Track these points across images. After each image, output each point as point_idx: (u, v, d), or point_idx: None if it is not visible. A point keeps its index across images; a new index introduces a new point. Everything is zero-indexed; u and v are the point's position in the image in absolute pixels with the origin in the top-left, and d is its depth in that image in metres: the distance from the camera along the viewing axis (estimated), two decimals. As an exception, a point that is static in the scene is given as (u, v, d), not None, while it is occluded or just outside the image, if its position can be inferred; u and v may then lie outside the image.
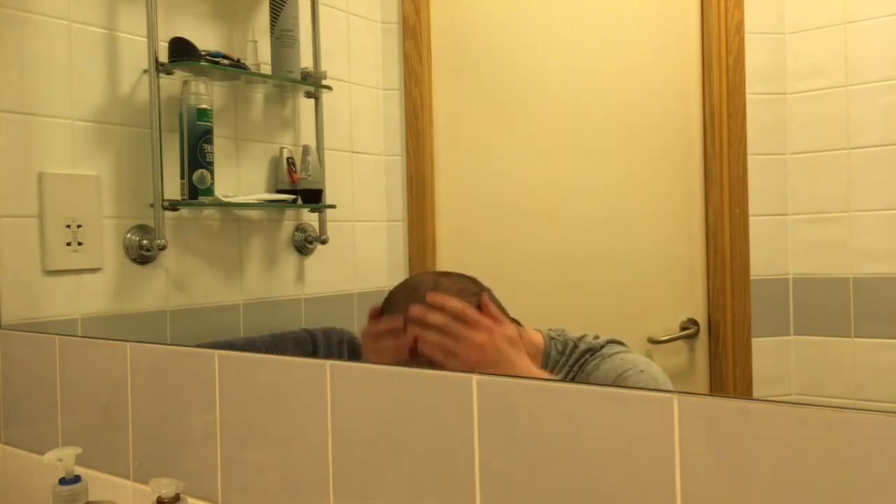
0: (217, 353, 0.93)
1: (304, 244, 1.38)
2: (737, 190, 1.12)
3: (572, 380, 0.88)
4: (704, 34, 1.14)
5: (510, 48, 1.28)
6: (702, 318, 1.15)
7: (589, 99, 1.24)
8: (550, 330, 0.92)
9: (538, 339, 0.92)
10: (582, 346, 0.89)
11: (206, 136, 1.23)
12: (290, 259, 1.37)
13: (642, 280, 1.18)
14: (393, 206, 1.37)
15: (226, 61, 1.27)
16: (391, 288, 1.37)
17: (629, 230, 1.19)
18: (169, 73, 1.22)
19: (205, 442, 0.93)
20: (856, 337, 1.06)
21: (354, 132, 1.42)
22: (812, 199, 1.10)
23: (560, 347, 0.90)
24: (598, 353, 0.88)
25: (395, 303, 0.94)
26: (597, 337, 0.90)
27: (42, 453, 0.95)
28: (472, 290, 0.91)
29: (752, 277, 1.12)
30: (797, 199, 1.10)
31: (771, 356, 1.10)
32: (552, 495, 0.66)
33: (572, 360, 0.89)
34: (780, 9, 1.11)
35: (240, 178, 1.32)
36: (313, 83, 1.36)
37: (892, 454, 0.51)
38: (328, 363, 0.82)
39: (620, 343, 0.90)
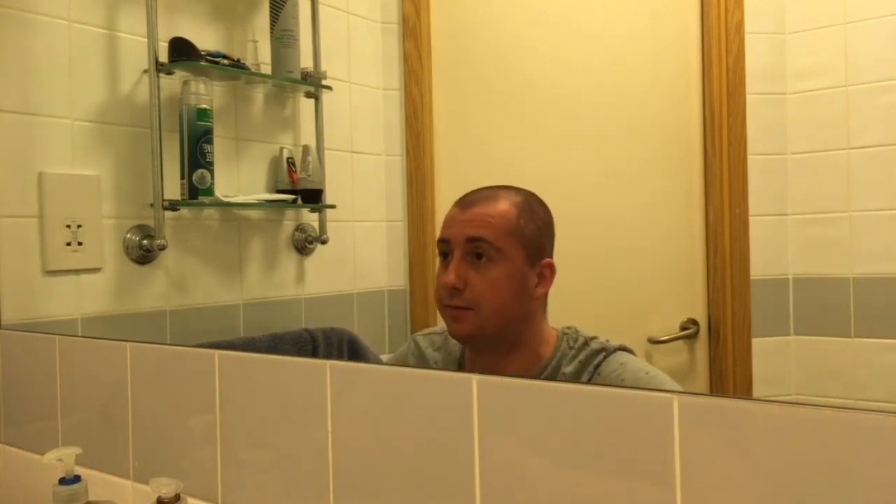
0: (217, 353, 0.93)
1: (304, 244, 1.38)
2: (737, 190, 1.12)
3: (581, 373, 0.88)
4: (704, 34, 1.14)
5: (510, 48, 1.28)
6: (702, 318, 1.15)
7: (589, 99, 1.24)
8: (565, 327, 0.93)
9: (551, 332, 0.93)
10: (594, 345, 0.90)
11: (206, 136, 1.23)
12: (290, 259, 1.37)
13: (642, 280, 1.18)
14: (393, 206, 1.37)
15: (226, 61, 1.27)
16: (390, 288, 1.38)
17: (629, 230, 1.19)
18: (169, 73, 1.22)
19: (205, 442, 0.93)
20: (856, 337, 1.06)
21: (354, 132, 1.42)
22: (812, 199, 1.10)
23: (571, 342, 0.91)
24: (611, 357, 0.89)
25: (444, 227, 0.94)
26: (608, 340, 0.91)
27: (42, 453, 0.95)
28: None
29: (752, 277, 1.12)
30: (797, 199, 1.10)
31: (771, 356, 1.10)
32: (552, 495, 0.66)
33: (583, 355, 0.89)
34: (780, 9, 1.11)
35: (240, 178, 1.32)
36: (313, 83, 1.36)
37: (891, 454, 0.51)
38: (328, 363, 0.82)
39: (630, 351, 0.90)
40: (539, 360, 0.91)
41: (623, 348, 0.90)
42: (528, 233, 0.90)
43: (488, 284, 0.89)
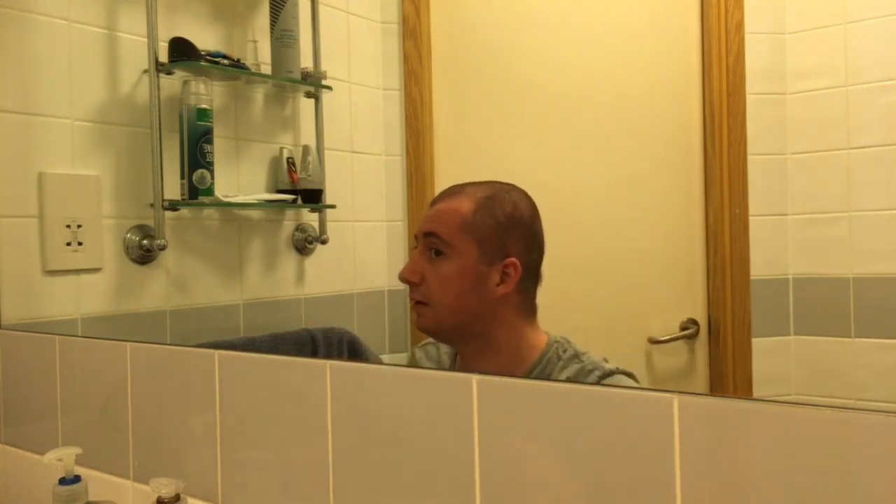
0: (217, 353, 0.93)
1: (304, 244, 1.38)
2: (737, 190, 1.12)
3: None
4: (704, 34, 1.14)
5: (510, 48, 1.28)
6: (702, 318, 1.15)
7: (589, 99, 1.24)
8: (557, 336, 0.91)
9: (542, 337, 0.91)
10: (586, 362, 0.86)
11: (206, 136, 1.23)
12: (290, 259, 1.37)
13: (642, 280, 1.18)
14: (393, 206, 1.37)
15: (226, 61, 1.27)
16: (390, 288, 1.38)
17: (629, 230, 1.19)
18: (169, 73, 1.22)
19: (205, 442, 0.93)
20: (856, 337, 1.06)
21: (354, 132, 1.42)
22: (812, 199, 1.10)
23: (561, 352, 0.89)
24: (607, 381, 0.86)
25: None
26: (606, 360, 0.88)
27: (42, 453, 0.95)
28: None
29: (752, 277, 1.12)
30: (797, 199, 1.10)
31: (771, 356, 1.10)
32: (552, 495, 0.66)
33: (572, 370, 0.86)
34: (780, 9, 1.11)
35: (240, 178, 1.32)
36: (313, 83, 1.36)
37: (891, 454, 0.51)
38: (328, 363, 0.82)
39: (631, 375, 0.87)
40: (522, 364, 0.89)
41: (622, 372, 0.86)
42: (485, 229, 0.89)
43: (438, 280, 0.89)
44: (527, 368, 0.89)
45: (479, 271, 0.88)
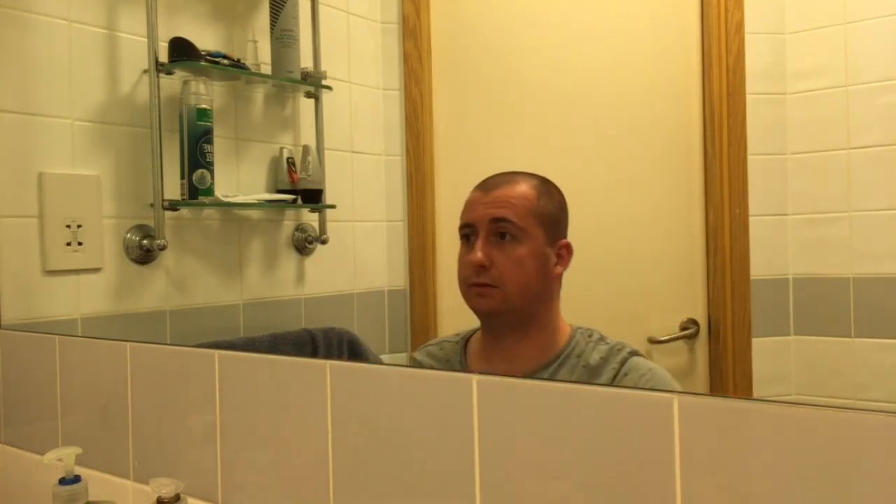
0: (217, 353, 0.93)
1: (304, 244, 1.38)
2: (737, 190, 1.12)
3: (604, 367, 0.90)
4: (704, 34, 1.14)
5: (510, 48, 1.28)
6: (702, 318, 1.15)
7: (589, 99, 1.24)
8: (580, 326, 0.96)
9: (565, 324, 0.95)
10: (612, 342, 0.92)
11: (206, 136, 1.23)
12: (290, 259, 1.37)
13: (642, 280, 1.18)
14: (393, 206, 1.37)
15: (226, 61, 1.27)
16: (390, 288, 1.38)
17: (629, 230, 1.19)
18: (169, 73, 1.22)
19: (205, 442, 0.93)
20: (856, 337, 1.06)
21: (354, 132, 1.42)
22: (812, 199, 1.10)
23: (587, 337, 0.93)
24: (636, 360, 0.90)
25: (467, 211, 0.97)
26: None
27: (42, 453, 0.95)
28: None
29: (752, 277, 1.12)
30: (797, 199, 1.10)
31: (771, 356, 1.10)
32: (553, 495, 0.66)
33: (604, 350, 0.91)
34: (780, 9, 1.11)
35: (240, 178, 1.32)
36: (313, 83, 1.36)
37: (891, 454, 0.51)
38: (328, 363, 0.82)
39: (641, 355, 0.93)
40: (553, 348, 0.93)
41: (639, 353, 0.92)
42: (547, 213, 0.94)
43: (513, 263, 0.93)
44: (560, 348, 0.93)
45: (545, 253, 0.94)
